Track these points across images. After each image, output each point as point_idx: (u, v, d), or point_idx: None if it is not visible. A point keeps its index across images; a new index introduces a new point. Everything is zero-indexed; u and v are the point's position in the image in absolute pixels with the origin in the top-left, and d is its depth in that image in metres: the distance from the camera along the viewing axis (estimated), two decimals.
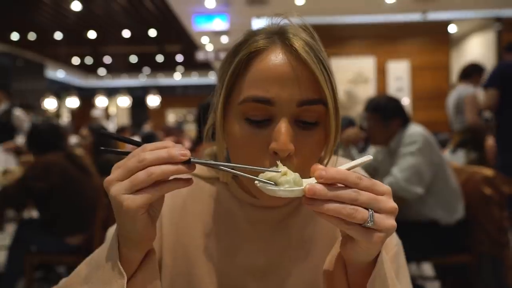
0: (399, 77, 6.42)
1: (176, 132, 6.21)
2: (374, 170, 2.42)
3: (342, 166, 0.49)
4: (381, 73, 6.48)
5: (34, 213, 2.88)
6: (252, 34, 0.59)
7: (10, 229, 2.69)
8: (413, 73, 6.38)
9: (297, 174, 0.48)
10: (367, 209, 0.44)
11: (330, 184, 0.44)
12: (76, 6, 6.79)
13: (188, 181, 0.48)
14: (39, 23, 8.05)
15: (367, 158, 0.50)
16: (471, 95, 3.69)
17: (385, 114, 2.22)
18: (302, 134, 0.56)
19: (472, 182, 2.20)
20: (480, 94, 3.65)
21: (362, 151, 2.98)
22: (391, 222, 0.45)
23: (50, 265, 2.93)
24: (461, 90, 3.83)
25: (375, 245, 0.45)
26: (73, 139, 6.04)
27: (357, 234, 0.44)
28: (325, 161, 0.63)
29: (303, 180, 0.48)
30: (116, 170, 0.47)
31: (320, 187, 0.43)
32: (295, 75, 0.54)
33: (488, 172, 2.16)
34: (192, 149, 2.32)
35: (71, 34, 8.83)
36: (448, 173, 2.16)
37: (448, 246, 2.13)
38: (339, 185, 0.45)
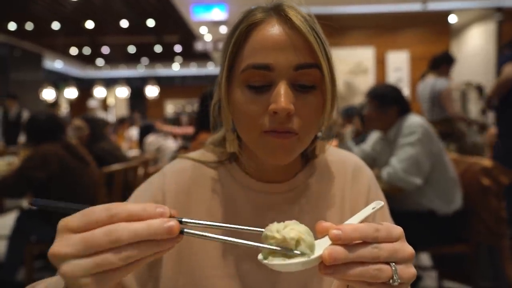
0: (399, 68, 6.40)
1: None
2: (373, 161, 2.43)
3: (352, 219, 0.46)
4: (381, 64, 6.46)
5: None
6: (250, 11, 0.62)
7: (10, 219, 2.69)
8: (412, 63, 6.36)
9: (309, 233, 0.42)
10: (388, 263, 0.41)
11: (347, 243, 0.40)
12: None
13: (168, 249, 0.39)
14: (36, 13, 7.97)
15: (378, 205, 0.47)
16: (447, 89, 3.69)
17: (382, 101, 2.24)
18: (300, 97, 0.58)
19: (470, 173, 2.21)
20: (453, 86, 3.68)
21: (361, 141, 2.99)
22: (412, 271, 0.43)
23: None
24: (433, 83, 3.80)
25: None
26: (71, 131, 6.03)
27: None
28: (323, 127, 0.64)
29: (316, 242, 0.43)
30: (71, 240, 0.36)
31: (340, 250, 0.39)
32: (291, 42, 0.58)
33: (486, 162, 2.16)
34: (193, 138, 2.32)
35: (69, 24, 8.75)
36: (446, 163, 2.16)
37: (446, 236, 2.14)
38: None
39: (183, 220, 0.40)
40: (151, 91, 11.61)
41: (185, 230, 0.39)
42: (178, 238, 0.38)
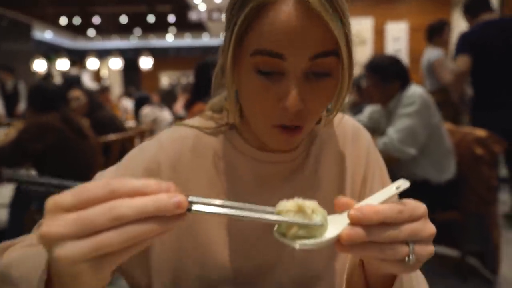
0: (397, 38, 6.35)
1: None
2: (370, 130, 2.46)
3: (373, 197, 0.44)
4: (379, 35, 6.39)
5: (33, 172, 2.92)
6: None
7: (9, 187, 2.73)
8: (412, 34, 6.30)
9: (324, 212, 0.41)
10: (406, 242, 0.41)
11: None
12: None
13: (172, 228, 0.34)
14: None
15: (404, 185, 0.45)
16: (438, 60, 3.62)
17: (384, 76, 2.21)
18: (313, 87, 0.54)
19: (464, 143, 2.26)
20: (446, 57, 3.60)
21: (358, 112, 3.02)
22: (429, 249, 0.42)
23: None
24: (428, 54, 3.77)
25: (410, 271, 0.43)
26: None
27: (394, 267, 0.42)
28: (333, 114, 0.61)
29: (331, 217, 0.42)
30: (65, 220, 0.32)
31: (359, 232, 0.38)
32: (308, 28, 0.51)
33: (480, 132, 2.20)
34: (188, 108, 2.34)
35: None
36: (443, 134, 2.20)
37: (438, 204, 2.20)
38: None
39: (190, 198, 0.35)
40: (145, 63, 11.43)
41: (193, 207, 0.35)
42: (184, 216, 0.34)
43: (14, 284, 0.40)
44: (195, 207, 0.35)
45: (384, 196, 0.44)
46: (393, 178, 0.75)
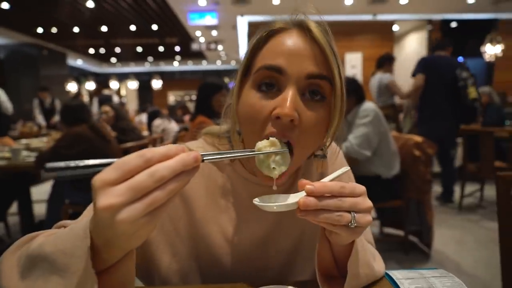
0: (354, 66, 6.43)
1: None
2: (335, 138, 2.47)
3: (326, 178, 0.47)
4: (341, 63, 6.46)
5: None
6: (271, 21, 0.53)
7: (47, 186, 2.66)
8: (364, 63, 6.40)
9: (286, 153, 0.45)
10: (349, 211, 0.42)
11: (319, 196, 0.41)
12: (90, 4, 6.46)
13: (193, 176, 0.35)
14: (60, 19, 7.58)
15: (345, 169, 0.50)
16: (392, 81, 3.74)
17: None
18: (307, 106, 0.49)
19: (406, 146, 2.28)
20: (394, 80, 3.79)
21: None
22: (368, 218, 0.44)
23: (80, 214, 2.93)
24: (380, 77, 3.83)
25: (356, 236, 0.45)
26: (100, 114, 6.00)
27: (342, 232, 0.43)
28: (327, 144, 0.54)
29: (295, 194, 0.45)
30: (117, 191, 0.31)
31: (311, 200, 0.40)
32: (307, 50, 0.48)
33: (418, 139, 2.24)
34: (191, 120, 2.32)
35: (87, 28, 8.36)
36: (390, 139, 2.21)
37: (387, 194, 2.21)
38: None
39: (201, 152, 0.37)
40: (156, 84, 11.31)
41: (205, 158, 0.37)
42: (199, 167, 0.35)
43: (48, 259, 0.38)
44: (206, 158, 0.37)
45: (332, 176, 0.47)
46: (354, 174, 0.74)
